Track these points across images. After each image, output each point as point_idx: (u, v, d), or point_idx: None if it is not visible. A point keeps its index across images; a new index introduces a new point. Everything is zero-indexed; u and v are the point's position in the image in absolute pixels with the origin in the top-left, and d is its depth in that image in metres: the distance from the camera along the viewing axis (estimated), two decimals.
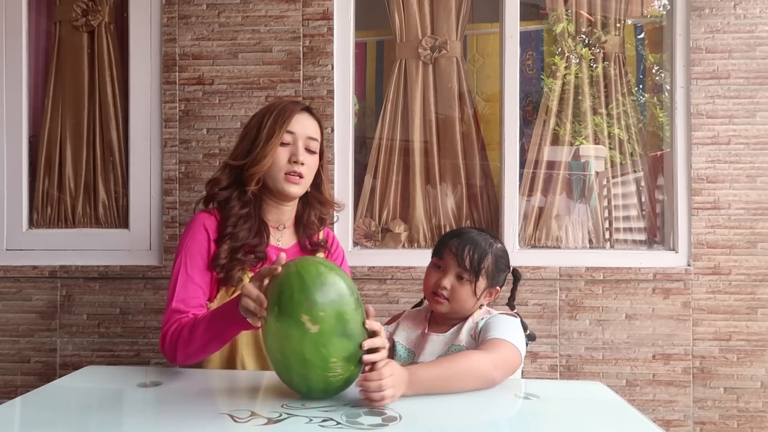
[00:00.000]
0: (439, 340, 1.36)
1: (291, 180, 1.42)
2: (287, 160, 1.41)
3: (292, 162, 1.41)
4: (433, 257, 1.39)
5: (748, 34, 2.10)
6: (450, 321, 1.38)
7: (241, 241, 1.39)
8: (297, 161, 1.41)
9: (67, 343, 2.15)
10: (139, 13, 2.19)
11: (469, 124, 2.30)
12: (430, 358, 1.33)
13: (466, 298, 1.33)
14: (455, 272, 1.33)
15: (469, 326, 1.34)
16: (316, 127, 1.49)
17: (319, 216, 1.57)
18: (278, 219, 1.50)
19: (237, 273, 1.37)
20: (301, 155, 1.42)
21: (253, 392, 1.21)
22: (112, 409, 1.11)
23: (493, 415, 1.10)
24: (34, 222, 2.26)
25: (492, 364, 1.19)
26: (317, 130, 1.49)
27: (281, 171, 1.41)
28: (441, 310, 1.35)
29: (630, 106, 2.29)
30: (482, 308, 1.40)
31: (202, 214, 1.44)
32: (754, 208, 2.09)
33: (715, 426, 2.07)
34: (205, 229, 1.41)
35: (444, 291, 1.33)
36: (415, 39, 2.27)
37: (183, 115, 2.13)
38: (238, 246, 1.39)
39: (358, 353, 1.07)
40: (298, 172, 1.42)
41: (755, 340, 2.07)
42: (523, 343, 1.29)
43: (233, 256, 1.38)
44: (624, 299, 2.09)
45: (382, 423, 0.98)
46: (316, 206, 1.55)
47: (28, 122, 2.26)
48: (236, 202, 1.42)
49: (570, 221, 2.28)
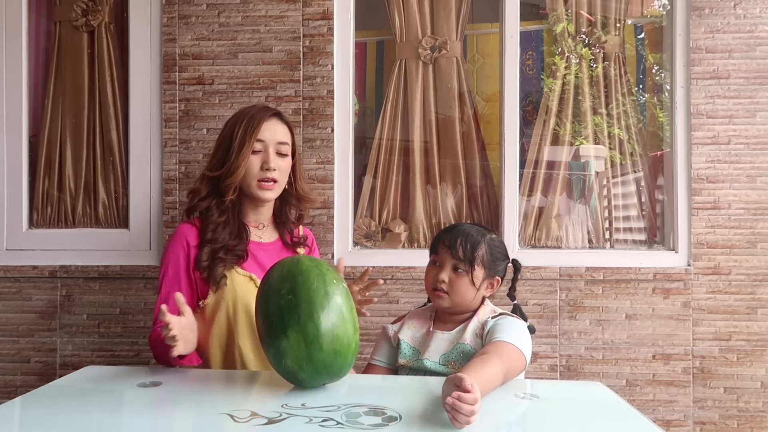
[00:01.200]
0: (444, 338, 1.36)
1: (264, 186, 1.49)
2: (259, 167, 1.47)
3: (264, 169, 1.47)
4: (430, 255, 1.41)
5: (748, 34, 2.10)
6: (455, 319, 1.38)
7: (221, 243, 1.46)
8: (269, 168, 1.47)
9: (67, 343, 2.15)
10: (139, 13, 2.19)
11: (469, 124, 2.30)
12: (435, 356, 1.33)
13: (465, 290, 1.35)
14: (451, 265, 1.35)
15: (474, 325, 1.35)
16: (285, 130, 1.54)
17: (297, 211, 1.63)
18: (257, 219, 1.57)
19: (219, 270, 1.44)
20: (272, 162, 1.48)
21: (253, 392, 1.21)
22: (112, 409, 1.11)
23: (493, 416, 1.10)
24: (34, 222, 2.26)
25: (502, 372, 1.18)
26: (287, 133, 1.54)
27: (254, 178, 1.48)
28: (443, 304, 1.36)
29: (630, 106, 2.29)
30: (487, 306, 1.40)
31: (184, 225, 1.51)
32: (754, 208, 2.09)
33: (715, 426, 2.07)
34: (186, 241, 1.48)
35: (443, 285, 1.34)
36: (415, 39, 2.27)
37: (183, 115, 2.13)
38: (219, 247, 1.46)
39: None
40: (270, 178, 1.49)
41: (755, 340, 2.07)
42: (529, 347, 1.30)
43: (214, 256, 1.45)
44: (624, 299, 2.09)
45: (382, 423, 0.98)
46: (292, 202, 1.62)
47: (28, 122, 2.26)
48: (215, 211, 1.49)
49: (570, 221, 2.28)
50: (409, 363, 1.37)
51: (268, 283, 1.17)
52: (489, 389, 1.12)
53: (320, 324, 1.09)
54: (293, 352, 1.10)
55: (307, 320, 1.09)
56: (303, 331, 1.09)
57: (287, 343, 1.09)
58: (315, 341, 1.09)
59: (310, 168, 2.12)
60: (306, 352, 1.09)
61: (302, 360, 1.10)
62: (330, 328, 1.10)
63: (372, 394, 1.17)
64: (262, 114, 1.50)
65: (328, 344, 1.09)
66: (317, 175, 2.12)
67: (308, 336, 1.09)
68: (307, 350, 1.09)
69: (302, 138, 2.11)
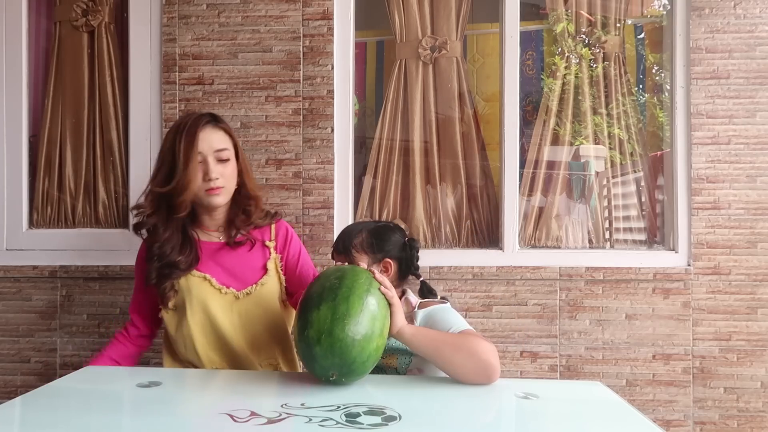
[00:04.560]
0: None
1: (212, 193, 1.49)
2: (202, 178, 1.48)
3: (206, 180, 1.48)
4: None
5: (748, 34, 2.10)
6: None
7: (167, 258, 1.50)
8: (211, 178, 1.47)
9: (67, 343, 2.15)
10: (139, 13, 2.19)
11: (469, 124, 2.30)
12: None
13: None
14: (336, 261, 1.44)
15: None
16: (221, 135, 1.53)
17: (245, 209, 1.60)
18: (215, 223, 1.58)
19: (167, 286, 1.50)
20: (213, 171, 1.48)
21: (252, 392, 1.21)
22: (112, 409, 1.11)
23: (493, 415, 1.10)
24: (34, 222, 2.26)
25: (488, 349, 1.19)
26: (224, 138, 1.53)
27: (201, 189, 1.49)
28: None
29: (630, 106, 2.29)
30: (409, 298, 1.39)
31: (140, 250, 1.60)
32: (754, 208, 2.09)
33: (715, 426, 2.07)
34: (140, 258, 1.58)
35: None
36: (415, 39, 2.27)
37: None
38: (164, 264, 1.50)
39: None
40: (215, 186, 1.49)
41: (755, 340, 2.07)
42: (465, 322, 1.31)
43: (161, 273, 1.50)
44: (624, 299, 2.09)
45: (381, 423, 0.98)
46: (242, 201, 1.60)
47: (28, 122, 2.26)
48: (161, 227, 1.51)
49: (570, 221, 2.28)
50: None
51: (324, 273, 1.27)
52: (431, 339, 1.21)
53: (353, 308, 1.15)
54: (318, 323, 1.14)
55: (343, 300, 1.15)
56: (334, 308, 1.14)
57: (317, 314, 1.15)
58: (341, 320, 1.13)
59: (310, 168, 2.12)
60: (329, 325, 1.13)
61: (323, 333, 1.13)
62: (359, 316, 1.15)
63: (371, 394, 1.17)
64: (196, 124, 1.49)
65: (351, 329, 1.13)
66: (317, 175, 2.12)
67: (337, 312, 1.14)
68: (331, 324, 1.13)
69: (302, 138, 2.11)
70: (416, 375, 1.34)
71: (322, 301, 1.16)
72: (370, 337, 1.15)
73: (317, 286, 1.21)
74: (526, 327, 2.10)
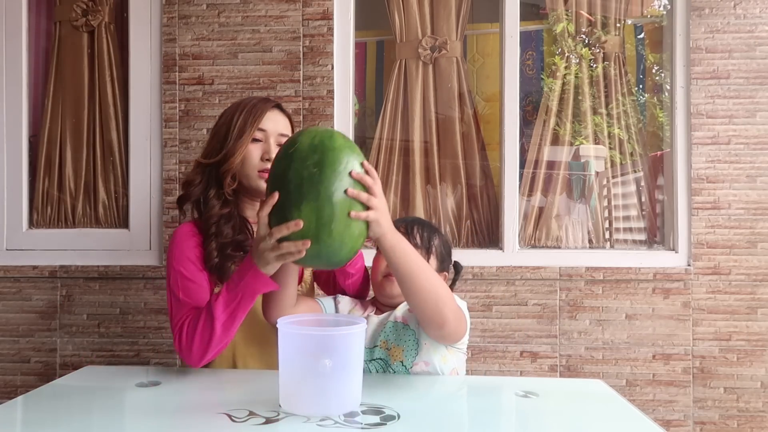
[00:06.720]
0: (374, 321, 1.34)
1: (264, 177, 1.39)
2: (260, 157, 1.40)
3: (264, 159, 1.40)
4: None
5: (748, 34, 2.10)
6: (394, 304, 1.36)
7: (226, 238, 1.37)
8: (270, 158, 1.39)
9: (67, 343, 2.15)
10: (139, 13, 2.19)
11: (469, 124, 2.30)
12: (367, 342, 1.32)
13: None
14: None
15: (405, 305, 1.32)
16: (287, 123, 1.49)
17: None
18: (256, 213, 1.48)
19: (231, 268, 1.35)
20: (273, 152, 1.39)
21: (251, 392, 1.21)
22: (112, 409, 1.11)
23: (493, 414, 1.10)
24: (34, 222, 2.26)
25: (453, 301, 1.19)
26: (288, 126, 1.49)
27: (255, 169, 1.40)
28: (394, 291, 1.30)
29: (630, 106, 2.29)
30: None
31: (184, 226, 1.42)
32: (754, 208, 2.09)
33: (715, 426, 2.07)
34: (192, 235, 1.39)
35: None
36: (415, 39, 2.27)
37: (183, 115, 2.13)
38: (226, 242, 1.37)
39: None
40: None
41: (755, 340, 2.07)
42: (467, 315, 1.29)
43: (223, 253, 1.36)
44: (624, 299, 2.09)
45: (380, 422, 0.98)
46: None
47: (28, 122, 2.26)
48: (215, 201, 1.40)
49: (570, 221, 2.28)
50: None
51: (294, 146, 1.08)
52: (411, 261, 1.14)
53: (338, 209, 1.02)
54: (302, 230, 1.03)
55: (326, 201, 1.02)
56: (318, 211, 1.02)
57: (298, 216, 1.03)
58: (327, 225, 1.02)
59: None
60: (315, 232, 1.02)
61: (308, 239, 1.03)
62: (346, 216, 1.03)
63: (370, 393, 1.17)
64: (265, 104, 1.45)
65: (338, 233, 1.03)
66: None
67: (323, 217, 1.02)
68: (316, 231, 1.02)
69: None
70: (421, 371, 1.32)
71: (303, 200, 1.02)
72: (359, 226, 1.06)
73: (293, 172, 1.04)
74: (526, 327, 2.10)
